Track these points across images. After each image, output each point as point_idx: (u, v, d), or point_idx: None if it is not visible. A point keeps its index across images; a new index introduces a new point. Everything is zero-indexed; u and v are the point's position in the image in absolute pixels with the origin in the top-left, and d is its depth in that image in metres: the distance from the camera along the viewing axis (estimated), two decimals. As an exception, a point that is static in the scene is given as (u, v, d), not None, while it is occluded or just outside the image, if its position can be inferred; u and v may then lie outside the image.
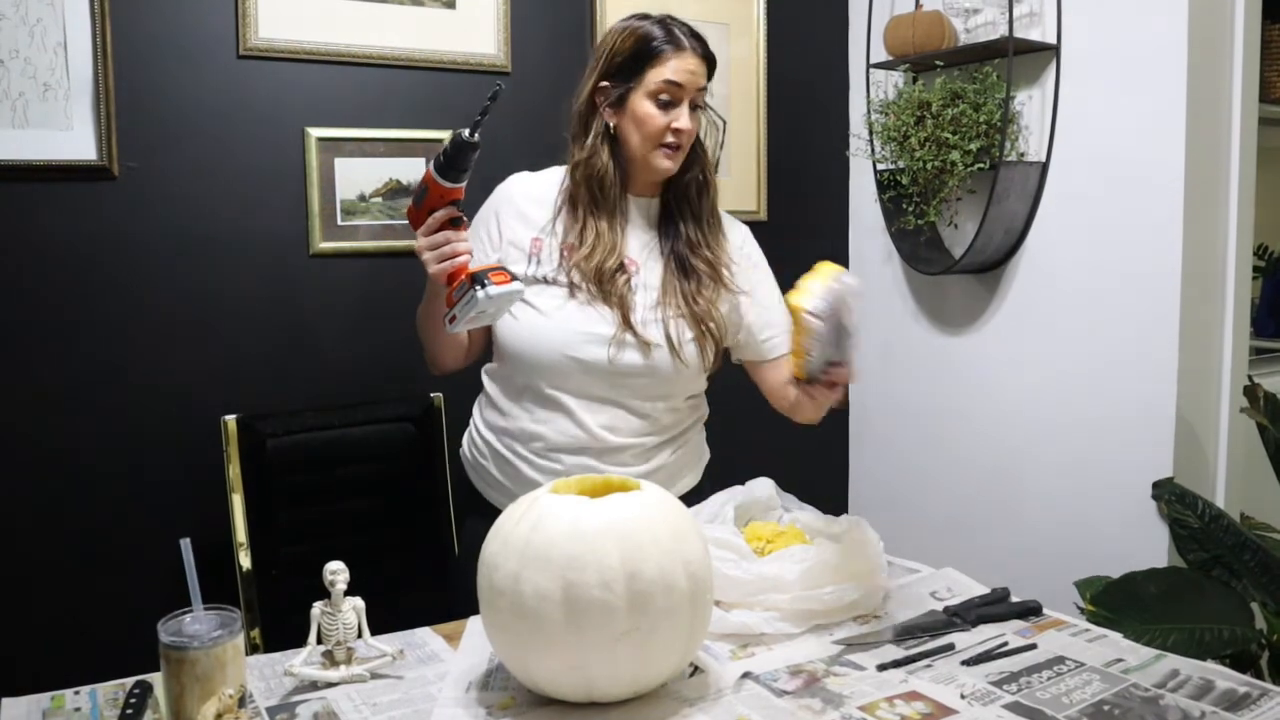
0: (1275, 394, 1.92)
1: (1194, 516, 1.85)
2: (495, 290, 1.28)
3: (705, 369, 1.54)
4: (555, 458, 1.50)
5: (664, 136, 1.47)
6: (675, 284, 1.51)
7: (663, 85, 1.45)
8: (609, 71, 1.49)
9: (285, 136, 2.06)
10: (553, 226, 1.52)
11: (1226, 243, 2.05)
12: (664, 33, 1.47)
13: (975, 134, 2.16)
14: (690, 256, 1.52)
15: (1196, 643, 1.61)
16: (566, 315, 1.47)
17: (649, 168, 1.49)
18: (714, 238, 1.56)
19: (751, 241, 1.64)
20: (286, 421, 1.94)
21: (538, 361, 1.48)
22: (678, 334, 1.48)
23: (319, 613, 1.14)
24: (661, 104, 1.46)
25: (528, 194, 1.56)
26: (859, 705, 1.07)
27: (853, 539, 1.34)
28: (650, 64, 1.46)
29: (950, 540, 2.47)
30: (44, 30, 1.83)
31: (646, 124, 1.46)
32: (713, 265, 1.53)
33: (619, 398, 1.49)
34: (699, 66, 1.48)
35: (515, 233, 1.53)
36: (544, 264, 1.50)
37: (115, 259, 1.93)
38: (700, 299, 1.50)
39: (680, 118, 1.46)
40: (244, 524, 1.87)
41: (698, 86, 1.48)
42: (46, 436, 1.90)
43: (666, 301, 1.50)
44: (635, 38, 1.47)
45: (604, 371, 1.47)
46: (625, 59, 1.48)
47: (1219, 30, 1.99)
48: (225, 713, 0.96)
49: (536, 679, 1.06)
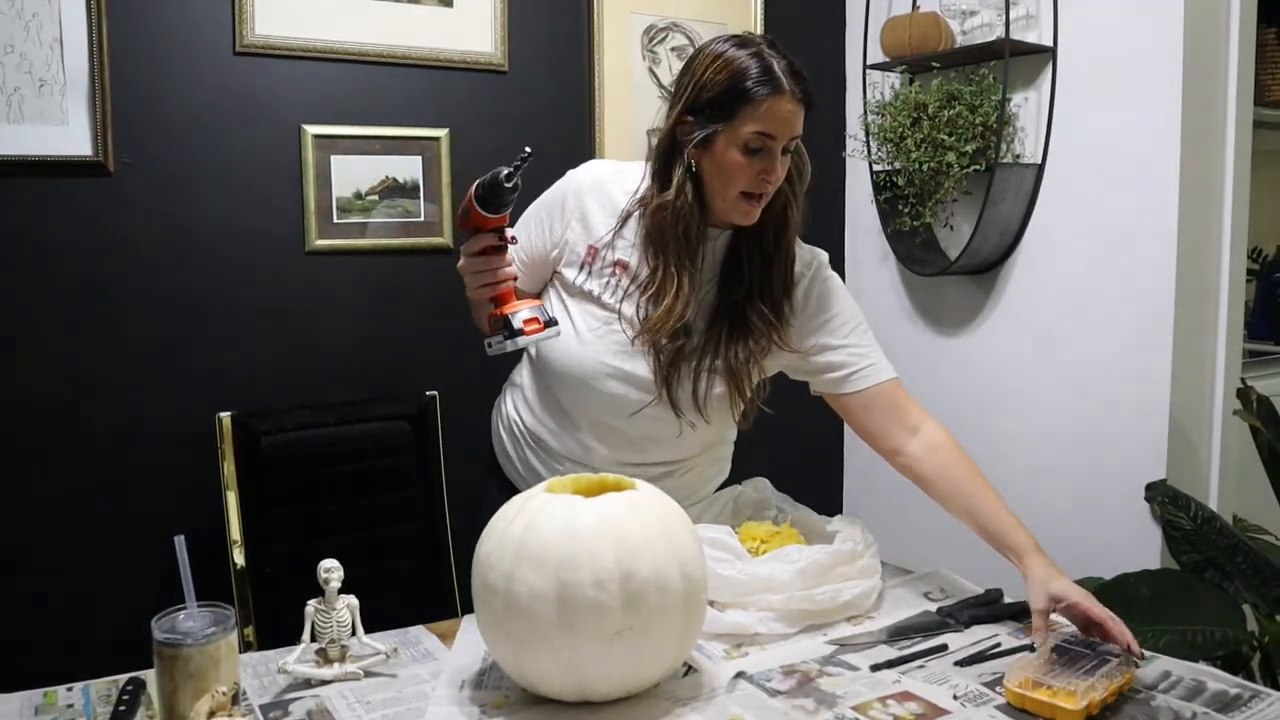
0: (1268, 397, 1.92)
1: (1187, 518, 1.86)
2: (524, 340, 1.29)
3: (739, 425, 1.45)
4: (557, 458, 1.48)
5: (750, 186, 1.32)
6: (720, 336, 1.38)
7: (755, 135, 1.30)
8: (696, 105, 1.32)
9: (281, 133, 2.05)
10: (611, 239, 1.40)
11: (1221, 245, 2.05)
12: (761, 70, 1.29)
13: (971, 135, 2.16)
14: (747, 308, 1.38)
15: (1188, 644, 1.62)
16: (603, 345, 1.39)
17: (730, 214, 1.36)
18: (780, 285, 1.40)
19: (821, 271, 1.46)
20: (281, 419, 1.94)
21: (560, 379, 1.43)
22: (706, 389, 1.38)
23: (313, 611, 1.14)
24: (751, 151, 1.31)
25: (596, 193, 1.43)
26: (852, 705, 1.07)
27: (846, 539, 1.34)
28: (743, 107, 1.29)
29: (944, 541, 2.46)
30: (40, 25, 1.83)
31: (732, 172, 1.32)
32: (768, 321, 1.38)
33: (631, 431, 1.43)
34: (797, 111, 1.31)
35: (574, 234, 1.43)
36: (594, 278, 1.41)
37: (110, 255, 1.92)
38: (741, 353, 1.38)
39: (772, 168, 1.32)
40: (238, 521, 1.87)
41: (793, 135, 1.32)
42: (41, 433, 1.89)
43: (705, 354, 1.38)
44: (729, 72, 1.30)
45: (622, 409, 1.40)
46: (716, 95, 1.30)
47: (1214, 33, 2.00)
48: (218, 710, 0.96)
49: (530, 678, 1.06)
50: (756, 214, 1.35)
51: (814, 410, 1.55)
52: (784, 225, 1.40)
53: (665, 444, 1.44)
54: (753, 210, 1.35)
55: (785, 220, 1.39)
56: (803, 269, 1.44)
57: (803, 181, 1.42)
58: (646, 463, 1.46)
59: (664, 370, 1.37)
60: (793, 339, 1.41)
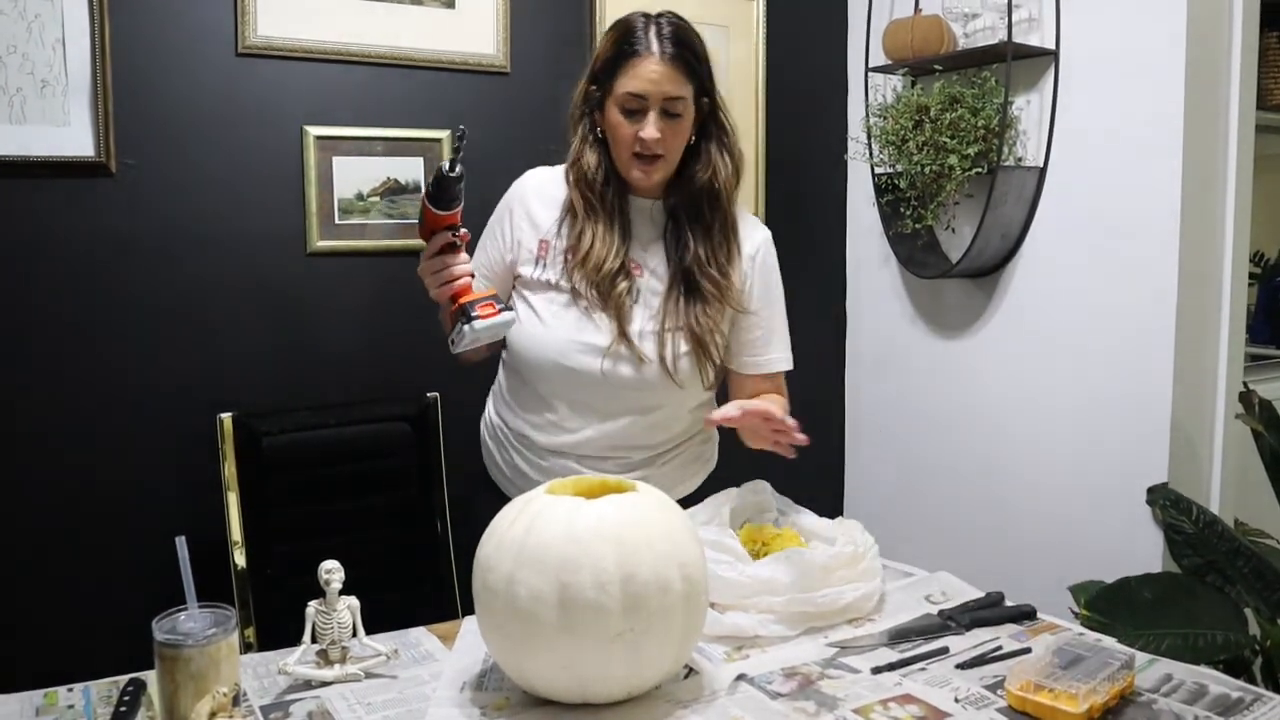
0: (1270, 400, 1.92)
1: (1188, 522, 1.86)
2: (481, 324, 1.31)
3: (705, 386, 1.51)
4: (542, 454, 1.51)
5: (633, 146, 1.42)
6: (678, 300, 1.46)
7: (626, 96, 1.40)
8: (593, 73, 1.46)
9: (283, 134, 2.05)
10: (559, 230, 1.49)
11: (1223, 249, 2.05)
12: (634, 34, 1.40)
13: (973, 138, 2.16)
14: (697, 274, 1.46)
15: (1190, 648, 1.62)
16: (564, 323, 1.45)
17: (627, 177, 1.46)
18: (725, 252, 1.48)
19: (768, 252, 1.56)
20: (282, 420, 1.94)
21: (533, 367, 1.48)
22: (673, 350, 1.45)
23: (314, 612, 1.14)
24: (628, 113, 1.41)
25: (539, 193, 1.53)
26: (853, 708, 1.07)
27: (847, 542, 1.34)
28: (619, 70, 1.40)
29: (945, 544, 2.47)
30: (42, 26, 1.83)
31: (615, 134, 1.43)
32: (719, 286, 1.47)
33: (612, 408, 1.48)
34: (667, 72, 1.39)
35: (524, 234, 1.51)
36: (549, 268, 1.48)
37: (112, 256, 1.93)
38: (702, 319, 1.45)
39: (646, 127, 1.40)
40: (239, 522, 1.87)
41: (665, 95, 1.40)
42: (42, 433, 1.89)
43: (666, 316, 1.46)
44: (612, 38, 1.43)
45: (597, 382, 1.45)
46: (604, 61, 1.43)
47: (1217, 37, 1.99)
48: (219, 711, 0.96)
49: (531, 680, 1.06)
50: (652, 177, 1.44)
51: (814, 412, 1.56)
52: (715, 193, 1.47)
53: (648, 417, 1.48)
54: (646, 172, 1.43)
55: (715, 187, 1.47)
56: (760, 240, 1.54)
57: (727, 149, 1.48)
58: (631, 445, 1.50)
59: (620, 324, 1.43)
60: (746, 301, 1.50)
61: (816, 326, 2.72)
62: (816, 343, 2.73)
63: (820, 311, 2.72)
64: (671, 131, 1.42)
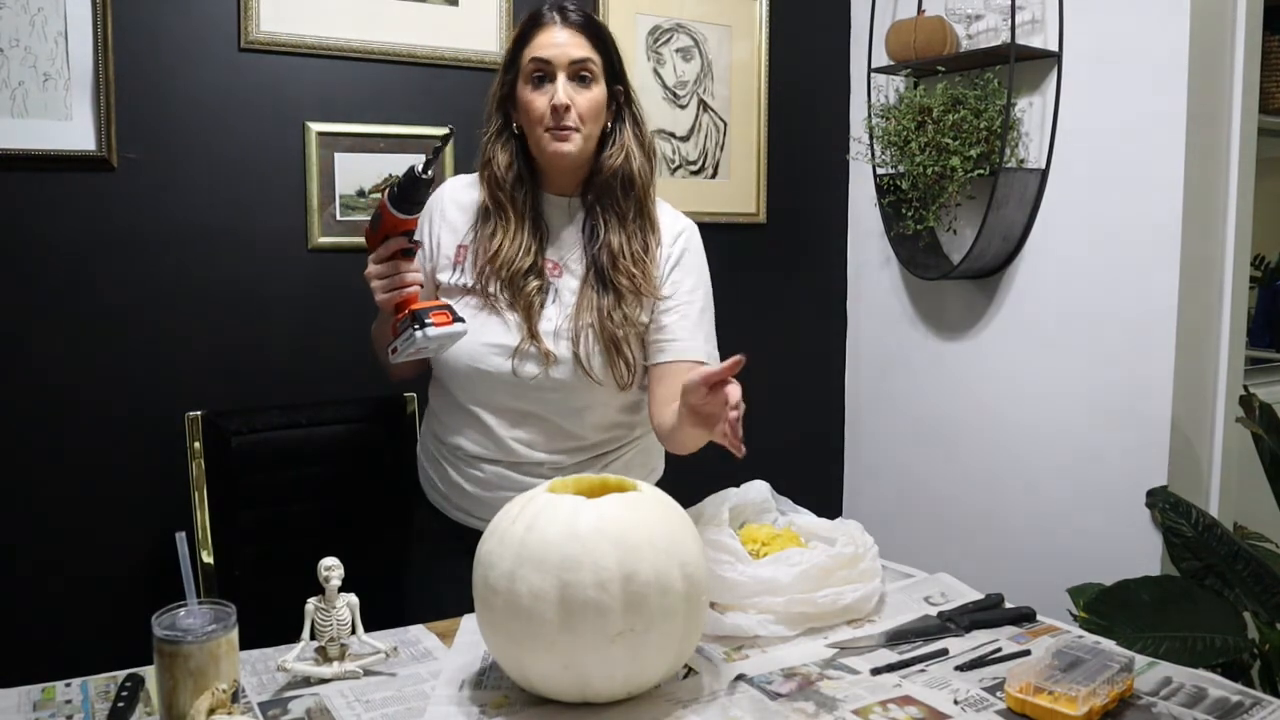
0: (1270, 404, 1.92)
1: (1188, 525, 1.86)
2: (435, 332, 1.30)
3: (621, 386, 1.45)
4: (475, 465, 1.50)
5: (546, 120, 1.40)
6: (591, 297, 1.43)
7: (532, 64, 1.41)
8: (504, 65, 1.48)
9: (285, 130, 2.05)
10: (475, 234, 1.48)
11: (1224, 252, 2.05)
12: (542, 12, 1.43)
13: (976, 140, 2.16)
14: (610, 269, 1.43)
15: (1189, 651, 1.62)
16: (475, 326, 1.41)
17: (546, 156, 1.43)
18: (641, 241, 1.46)
19: (690, 239, 1.52)
20: (251, 419, 1.87)
21: (450, 374, 1.47)
22: (586, 349, 1.42)
23: (313, 608, 1.14)
24: (536, 83, 1.41)
25: (455, 200, 1.52)
26: (852, 709, 1.07)
27: (847, 542, 1.34)
28: (521, 49, 1.43)
29: (945, 545, 2.47)
30: (45, 19, 1.82)
31: (528, 109, 1.41)
32: (634, 280, 1.43)
33: (534, 411, 1.45)
34: (569, 37, 1.41)
35: (443, 241, 1.50)
36: (465, 273, 1.47)
37: (112, 250, 1.92)
38: (615, 315, 1.42)
39: (556, 93, 1.39)
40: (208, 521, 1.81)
41: (570, 59, 1.40)
42: (42, 427, 1.89)
43: (580, 314, 1.43)
44: (519, 25, 1.45)
45: (509, 384, 1.43)
46: (511, 46, 1.46)
47: (1220, 41, 2.00)
48: (218, 707, 0.96)
49: (530, 678, 1.06)
50: (574, 145, 1.41)
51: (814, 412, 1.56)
52: (629, 177, 1.45)
53: (574, 419, 1.46)
54: (564, 140, 1.40)
55: (629, 171, 1.45)
56: (682, 228, 1.52)
57: (639, 135, 1.48)
58: (565, 449, 1.48)
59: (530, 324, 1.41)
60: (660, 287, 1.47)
61: (816, 327, 2.72)
62: (816, 343, 2.73)
63: (820, 312, 2.73)
64: (583, 99, 1.41)
